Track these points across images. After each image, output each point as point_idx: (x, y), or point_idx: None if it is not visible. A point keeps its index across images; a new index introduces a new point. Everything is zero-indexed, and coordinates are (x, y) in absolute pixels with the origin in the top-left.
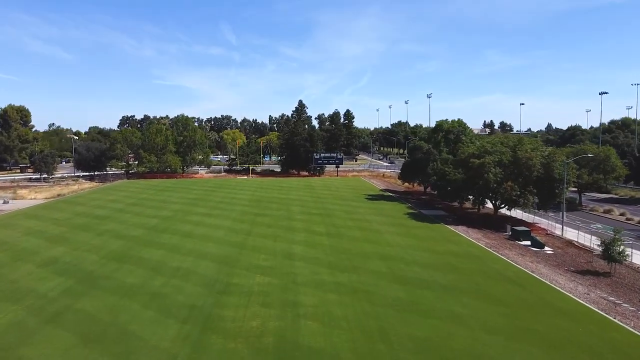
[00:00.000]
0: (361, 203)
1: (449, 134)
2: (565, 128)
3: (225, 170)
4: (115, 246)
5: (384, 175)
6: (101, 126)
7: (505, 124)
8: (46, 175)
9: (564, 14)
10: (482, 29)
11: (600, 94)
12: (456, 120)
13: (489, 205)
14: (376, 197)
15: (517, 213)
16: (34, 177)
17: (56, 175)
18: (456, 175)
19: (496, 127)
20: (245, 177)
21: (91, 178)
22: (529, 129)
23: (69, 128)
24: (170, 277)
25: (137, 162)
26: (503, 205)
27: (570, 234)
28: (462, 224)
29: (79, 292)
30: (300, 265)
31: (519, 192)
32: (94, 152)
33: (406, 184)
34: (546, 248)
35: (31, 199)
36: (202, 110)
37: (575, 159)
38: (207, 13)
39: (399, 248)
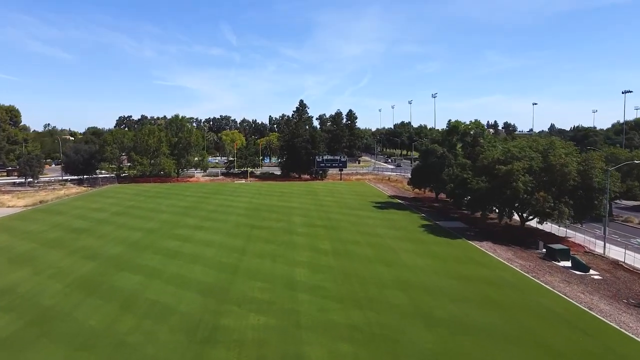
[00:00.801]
0: (369, 212)
1: (466, 136)
2: (567, 129)
3: (222, 174)
4: (86, 270)
5: (389, 179)
6: (100, 127)
7: (510, 124)
8: (31, 179)
9: (564, 15)
10: (482, 29)
11: (623, 92)
12: (473, 121)
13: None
14: (384, 205)
15: (545, 225)
16: (18, 181)
17: (43, 179)
18: (479, 183)
19: (500, 127)
20: (243, 180)
21: (80, 182)
22: (531, 130)
23: (67, 128)
24: (142, 317)
25: (128, 165)
26: (532, 218)
27: (614, 252)
28: (486, 238)
29: (22, 341)
30: (304, 298)
31: (552, 204)
32: (83, 155)
33: (416, 190)
34: (591, 271)
35: (9, 206)
36: (203, 111)
37: (617, 167)
38: (207, 13)
39: (420, 272)
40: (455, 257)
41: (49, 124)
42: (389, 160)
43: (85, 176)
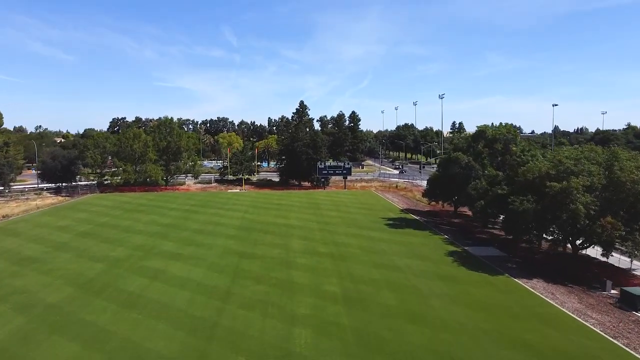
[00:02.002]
0: (382, 233)
1: (495, 142)
2: (571, 130)
3: (216, 180)
4: (6, 331)
5: (397, 186)
6: (97, 128)
7: (516, 127)
8: (2, 188)
9: (564, 16)
10: (482, 30)
11: None
12: (503, 125)
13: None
14: (398, 222)
15: (592, 250)
16: None
17: (17, 188)
18: (524, 203)
19: None
20: (238, 189)
21: (57, 191)
22: (533, 131)
23: (66, 130)
24: None
25: (113, 171)
26: (588, 246)
27: None
28: (533, 273)
29: None
30: None
31: (623, 232)
32: (61, 161)
33: (432, 202)
34: None
35: None
36: (203, 112)
37: None
38: (207, 15)
39: (465, 336)
40: (506, 307)
41: (40, 126)
42: (397, 165)
43: (63, 184)
